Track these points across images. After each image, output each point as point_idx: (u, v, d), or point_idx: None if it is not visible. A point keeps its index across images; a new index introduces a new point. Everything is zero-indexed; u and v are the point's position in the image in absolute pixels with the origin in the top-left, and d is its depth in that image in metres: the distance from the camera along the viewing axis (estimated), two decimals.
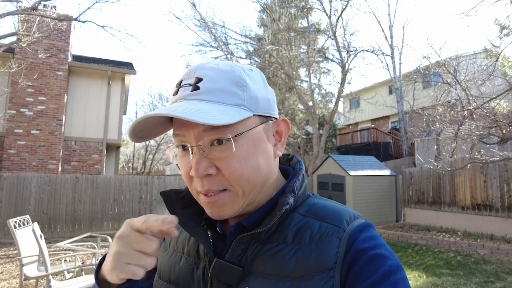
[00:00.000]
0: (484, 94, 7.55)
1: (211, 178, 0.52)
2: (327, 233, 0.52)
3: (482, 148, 8.24)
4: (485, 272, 5.08)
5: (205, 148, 0.52)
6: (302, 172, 0.62)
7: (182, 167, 0.56)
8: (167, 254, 0.66)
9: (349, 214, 0.56)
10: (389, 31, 15.59)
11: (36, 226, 3.20)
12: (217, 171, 0.52)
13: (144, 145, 26.74)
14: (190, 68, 0.56)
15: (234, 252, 0.55)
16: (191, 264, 0.60)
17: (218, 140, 0.52)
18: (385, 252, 0.50)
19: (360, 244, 0.51)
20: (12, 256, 5.93)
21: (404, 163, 12.45)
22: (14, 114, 9.44)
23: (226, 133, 0.51)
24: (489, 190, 7.33)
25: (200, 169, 0.51)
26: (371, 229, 0.54)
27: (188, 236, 0.63)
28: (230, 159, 0.52)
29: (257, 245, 0.54)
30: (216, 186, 0.52)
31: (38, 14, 7.99)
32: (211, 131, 0.51)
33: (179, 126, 0.53)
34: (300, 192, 0.58)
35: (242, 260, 0.54)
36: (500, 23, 6.88)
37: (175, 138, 0.55)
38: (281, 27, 12.63)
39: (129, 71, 11.11)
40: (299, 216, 0.56)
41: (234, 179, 0.52)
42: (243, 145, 0.53)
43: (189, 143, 0.53)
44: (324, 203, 0.59)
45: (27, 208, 7.49)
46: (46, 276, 2.87)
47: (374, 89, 19.03)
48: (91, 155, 10.47)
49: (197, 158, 0.52)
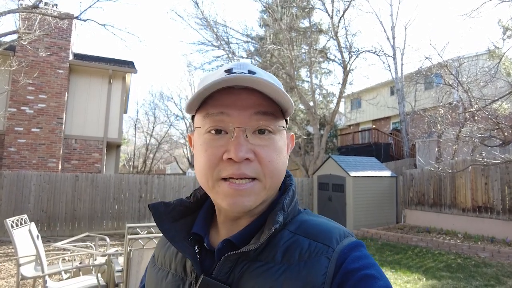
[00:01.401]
0: (486, 96, 7.50)
1: (248, 163, 0.52)
2: (316, 252, 0.51)
3: (483, 150, 8.19)
4: (485, 275, 5.05)
5: (249, 132, 0.53)
6: (292, 187, 0.61)
7: (210, 150, 0.53)
8: (154, 269, 0.64)
9: (339, 232, 0.55)
10: (391, 31, 15.56)
11: (33, 227, 3.18)
12: (254, 158, 0.52)
13: (145, 143, 26.79)
14: (238, 62, 0.56)
15: (221, 269, 0.53)
16: (178, 280, 0.58)
17: (260, 130, 0.53)
18: (375, 273, 0.49)
19: (349, 264, 0.50)
20: (10, 254, 5.93)
21: (405, 164, 12.41)
22: (15, 112, 9.44)
23: (271, 124, 0.54)
24: (490, 192, 7.29)
25: (242, 151, 0.50)
26: (362, 248, 0.53)
27: (175, 252, 0.62)
28: (270, 148, 0.54)
29: (245, 263, 0.53)
30: (250, 172, 0.52)
31: (39, 12, 7.97)
32: (261, 116, 0.53)
33: (225, 105, 0.53)
34: (290, 208, 0.57)
35: (230, 278, 0.52)
36: (504, 25, 6.83)
37: (212, 117, 0.53)
38: (283, 27, 12.59)
39: (130, 70, 11.10)
40: (289, 233, 0.55)
41: (270, 169, 0.53)
42: (279, 140, 0.56)
43: (232, 124, 0.52)
44: (314, 220, 0.58)
45: (26, 206, 7.49)
46: (43, 277, 2.85)
47: (375, 89, 18.98)
48: (91, 153, 10.46)
49: (239, 140, 0.51)
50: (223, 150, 0.52)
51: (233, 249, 0.53)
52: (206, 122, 0.54)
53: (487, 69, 7.99)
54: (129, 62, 12.27)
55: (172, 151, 29.42)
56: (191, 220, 0.63)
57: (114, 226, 8.32)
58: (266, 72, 0.58)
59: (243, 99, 0.53)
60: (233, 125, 0.52)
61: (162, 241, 0.67)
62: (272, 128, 0.54)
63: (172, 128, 27.42)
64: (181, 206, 0.63)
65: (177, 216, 0.62)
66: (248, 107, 0.52)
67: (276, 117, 0.55)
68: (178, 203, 0.63)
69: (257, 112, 0.53)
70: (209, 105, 0.53)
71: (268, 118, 0.53)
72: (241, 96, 0.53)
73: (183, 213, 0.63)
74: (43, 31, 8.57)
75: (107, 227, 8.26)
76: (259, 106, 0.53)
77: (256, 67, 0.56)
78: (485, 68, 8.50)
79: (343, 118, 21.74)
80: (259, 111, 0.53)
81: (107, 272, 3.12)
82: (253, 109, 0.52)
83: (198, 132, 0.56)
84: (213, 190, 0.54)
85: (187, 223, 0.62)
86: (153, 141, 26.62)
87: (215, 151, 0.52)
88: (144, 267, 2.56)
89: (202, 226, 0.60)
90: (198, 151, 0.55)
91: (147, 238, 2.57)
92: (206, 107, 0.54)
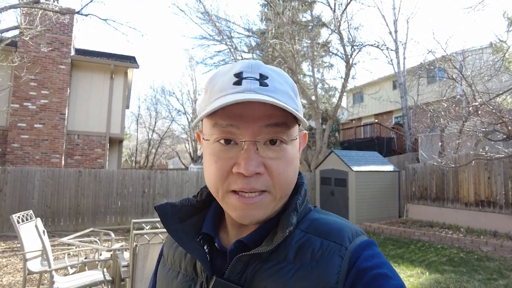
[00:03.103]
0: (490, 90, 7.45)
1: (258, 177, 0.50)
2: (328, 252, 0.51)
3: (486, 145, 8.16)
4: (488, 269, 5.07)
5: (260, 145, 0.51)
6: (304, 186, 0.60)
7: (220, 162, 0.52)
8: (165, 269, 0.64)
9: (351, 231, 0.54)
10: (393, 25, 15.42)
11: (39, 222, 3.20)
12: (265, 171, 0.51)
13: (147, 139, 26.83)
14: (249, 63, 0.53)
15: (233, 270, 0.52)
16: (188, 280, 0.58)
17: (272, 141, 0.51)
18: (388, 272, 0.49)
19: (362, 263, 0.49)
20: (16, 249, 5.98)
21: (407, 158, 12.39)
22: (17, 108, 9.46)
23: (283, 134, 0.52)
24: (493, 186, 7.28)
25: (252, 165, 0.49)
26: (374, 247, 0.53)
27: (184, 251, 0.61)
28: (281, 161, 0.52)
29: (257, 263, 0.52)
30: (259, 186, 0.51)
31: (40, 8, 7.94)
32: (272, 128, 0.51)
33: (235, 117, 0.50)
34: (301, 208, 0.57)
35: (242, 279, 0.52)
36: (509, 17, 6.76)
37: (221, 129, 0.51)
38: (284, 21, 12.51)
39: (132, 65, 11.08)
40: (300, 232, 0.54)
41: (280, 182, 0.52)
42: (292, 149, 0.54)
43: (242, 137, 0.50)
44: (326, 218, 0.58)
45: (30, 201, 7.54)
46: (49, 271, 2.88)
47: (378, 84, 18.88)
48: (94, 149, 10.50)
49: (250, 154, 0.50)
50: (232, 162, 0.51)
51: (245, 250, 0.52)
52: (215, 132, 0.52)
53: (491, 63, 7.92)
54: (131, 57, 12.25)
55: (174, 146, 29.46)
56: (198, 219, 0.63)
57: (118, 221, 8.37)
58: (279, 73, 0.55)
59: (253, 109, 0.50)
60: (243, 137, 0.50)
61: (170, 240, 0.67)
62: (284, 139, 0.52)
63: (174, 123, 27.46)
64: (187, 206, 0.63)
65: (184, 217, 0.61)
66: (259, 118, 0.50)
67: (289, 127, 0.52)
68: (184, 203, 0.62)
69: (268, 124, 0.50)
70: (218, 115, 0.51)
71: (279, 129, 0.51)
72: (252, 106, 0.50)
73: (190, 213, 0.62)
74: (44, 27, 8.55)
75: (110, 222, 8.31)
76: (270, 117, 0.50)
77: (268, 68, 0.54)
78: (490, 62, 8.43)
79: (345, 112, 21.67)
80: (271, 123, 0.50)
81: (112, 267, 3.15)
82: (264, 121, 0.50)
83: (207, 139, 0.54)
84: (223, 201, 0.54)
85: (195, 222, 0.61)
86: (155, 136, 26.67)
87: (225, 163, 0.51)
88: (149, 262, 2.58)
89: (212, 226, 0.60)
90: (208, 161, 0.54)
91: (153, 233, 2.59)
92: (215, 116, 0.51)
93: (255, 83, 0.50)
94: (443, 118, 9.17)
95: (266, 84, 0.51)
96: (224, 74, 0.53)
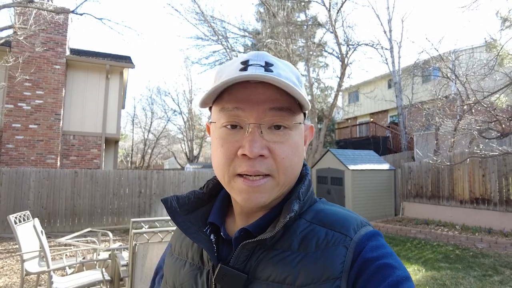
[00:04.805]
0: (484, 88, 7.53)
1: (262, 159, 0.52)
2: (333, 241, 0.51)
3: (481, 143, 8.25)
4: (483, 265, 5.13)
5: (264, 128, 0.52)
6: (308, 177, 0.61)
7: (226, 145, 0.53)
8: (172, 259, 0.65)
9: (356, 221, 0.55)
10: (388, 25, 15.51)
11: (37, 222, 3.19)
12: (269, 154, 0.52)
13: (143, 139, 26.72)
14: (254, 53, 0.55)
15: (238, 258, 0.54)
16: (195, 269, 0.59)
17: (277, 125, 0.53)
18: (393, 262, 0.49)
19: (367, 253, 0.50)
20: (12, 250, 5.94)
21: (403, 157, 12.48)
22: (12, 109, 9.38)
23: (287, 119, 0.53)
24: (488, 184, 7.36)
25: (256, 147, 0.50)
26: (379, 238, 0.54)
27: (191, 241, 0.62)
28: (285, 145, 0.53)
29: (262, 251, 0.53)
30: (263, 169, 0.52)
31: (34, 7, 7.87)
32: (277, 111, 0.52)
33: (240, 100, 0.52)
34: (306, 197, 0.58)
35: (247, 267, 0.53)
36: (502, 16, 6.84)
37: (227, 112, 0.53)
38: (279, 21, 12.52)
39: (127, 65, 11.03)
40: (306, 222, 0.55)
41: (284, 166, 0.53)
42: (296, 135, 0.55)
43: (247, 120, 0.52)
44: (331, 209, 0.59)
45: (26, 202, 7.48)
46: (48, 272, 2.87)
47: (373, 83, 18.98)
48: (90, 149, 10.44)
49: (254, 137, 0.51)
50: (238, 145, 0.52)
51: (250, 238, 0.53)
52: (222, 116, 0.54)
53: (485, 62, 8.01)
54: (127, 57, 12.19)
55: (170, 146, 29.35)
56: (205, 210, 0.64)
57: (115, 222, 8.33)
58: (285, 63, 0.56)
59: (258, 93, 0.51)
60: (248, 120, 0.52)
61: (178, 231, 0.68)
62: (288, 124, 0.53)
63: (169, 123, 27.37)
64: (194, 197, 0.64)
65: (191, 208, 0.62)
66: (263, 102, 0.51)
67: (293, 112, 0.53)
68: (191, 195, 0.64)
69: (272, 107, 0.52)
70: (225, 100, 0.53)
71: (283, 113, 0.52)
72: (257, 90, 0.51)
73: (196, 204, 0.64)
74: (38, 26, 8.48)
75: (107, 223, 8.27)
76: (274, 101, 0.52)
77: (274, 58, 0.55)
78: (483, 61, 8.52)
79: (341, 111, 21.75)
80: (275, 107, 0.52)
81: (111, 266, 3.14)
82: (269, 104, 0.51)
83: (214, 125, 0.56)
84: (229, 185, 0.55)
85: (201, 213, 0.63)
86: (151, 137, 26.57)
87: (230, 146, 0.53)
88: (149, 261, 2.58)
89: (218, 216, 0.61)
90: (215, 145, 0.56)
91: (152, 232, 2.59)
92: (222, 101, 0.53)
93: (260, 69, 0.51)
94: (438, 116, 9.25)
95: (271, 71, 0.52)
96: (232, 64, 0.55)
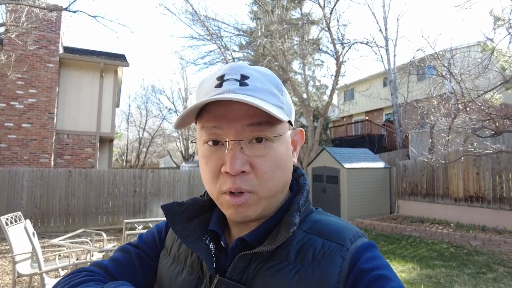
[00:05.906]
0: (479, 87, 7.58)
1: (244, 176, 0.51)
2: (330, 252, 0.51)
3: (475, 141, 8.31)
4: (477, 263, 5.16)
5: (244, 144, 0.51)
6: (306, 187, 0.61)
7: (210, 163, 0.53)
8: (167, 262, 0.64)
9: (352, 232, 0.55)
10: (383, 23, 15.55)
11: (28, 224, 3.14)
12: (250, 170, 0.52)
13: (137, 137, 26.58)
14: (231, 65, 0.54)
15: (235, 268, 0.53)
16: (195, 278, 0.58)
17: (258, 138, 0.52)
18: (388, 274, 0.49)
19: (363, 264, 0.50)
20: (4, 251, 5.87)
21: (398, 155, 12.53)
22: (4, 108, 9.26)
23: (267, 132, 0.52)
24: (482, 182, 7.42)
25: (237, 164, 0.50)
26: (374, 249, 0.54)
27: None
28: (267, 158, 0.52)
29: (259, 261, 0.53)
30: (245, 186, 0.51)
31: (26, 4, 7.76)
32: (255, 127, 0.51)
33: (218, 118, 0.52)
34: (303, 208, 0.57)
35: (244, 277, 0.53)
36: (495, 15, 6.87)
37: (207, 131, 0.53)
38: (274, 19, 12.48)
39: (122, 63, 10.93)
40: (302, 233, 0.55)
41: (266, 179, 0.52)
42: (279, 147, 0.54)
43: (226, 137, 0.51)
44: (327, 219, 0.59)
45: (19, 202, 7.40)
46: (40, 274, 2.83)
47: (368, 81, 19.04)
48: (84, 148, 10.35)
49: (234, 153, 0.51)
50: (221, 162, 0.52)
51: (247, 247, 0.53)
52: (203, 134, 0.54)
53: (479, 60, 8.05)
54: (121, 55, 12.08)
55: (165, 144, 29.26)
56: (205, 218, 0.64)
57: (109, 221, 8.28)
58: (262, 72, 0.55)
59: (234, 110, 0.51)
60: (227, 137, 0.51)
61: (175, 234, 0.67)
62: (269, 136, 0.52)
63: (165, 121, 27.23)
64: (194, 205, 0.64)
65: (191, 216, 0.62)
66: (240, 118, 0.51)
67: (272, 124, 0.52)
68: (191, 203, 0.63)
69: (250, 123, 0.51)
70: (204, 118, 0.53)
71: (262, 127, 0.51)
72: (232, 106, 0.51)
73: (197, 212, 0.63)
74: (31, 24, 8.36)
75: (101, 223, 8.21)
76: (252, 116, 0.51)
77: (251, 69, 0.54)
78: (478, 60, 8.57)
79: (336, 110, 21.80)
80: (252, 122, 0.51)
81: None
82: (246, 120, 0.51)
83: (198, 142, 0.56)
84: (218, 201, 0.55)
85: (202, 221, 0.63)
86: (146, 135, 26.45)
87: (214, 164, 0.53)
88: None
89: (218, 224, 0.61)
90: (201, 162, 0.56)
91: None
92: (202, 119, 0.54)
93: (234, 83, 0.51)
94: (433, 115, 9.30)
95: (246, 84, 0.51)
96: (210, 79, 0.55)
